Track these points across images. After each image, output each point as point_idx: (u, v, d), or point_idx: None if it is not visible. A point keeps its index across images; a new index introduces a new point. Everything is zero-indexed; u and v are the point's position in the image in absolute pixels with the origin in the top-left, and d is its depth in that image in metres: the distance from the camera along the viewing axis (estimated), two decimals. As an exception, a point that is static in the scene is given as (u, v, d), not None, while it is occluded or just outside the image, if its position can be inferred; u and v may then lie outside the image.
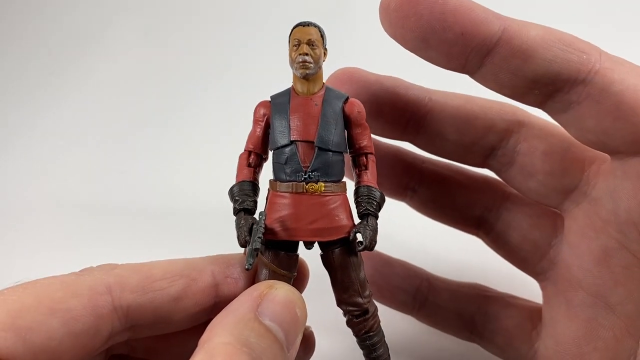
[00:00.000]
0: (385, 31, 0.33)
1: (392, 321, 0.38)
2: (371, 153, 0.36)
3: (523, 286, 0.44)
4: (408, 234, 0.61)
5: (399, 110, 0.39)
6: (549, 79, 0.30)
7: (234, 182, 0.35)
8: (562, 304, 0.36)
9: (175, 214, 0.74)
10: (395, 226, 0.46)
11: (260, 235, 0.31)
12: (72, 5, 1.07)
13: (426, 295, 0.45)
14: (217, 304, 0.31)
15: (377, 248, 0.34)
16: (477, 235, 0.45)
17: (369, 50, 0.71)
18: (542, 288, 0.40)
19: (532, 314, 0.41)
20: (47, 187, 0.83)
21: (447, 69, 0.33)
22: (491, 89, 0.33)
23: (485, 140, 0.39)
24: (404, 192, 0.45)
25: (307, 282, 0.38)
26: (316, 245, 0.35)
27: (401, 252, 0.55)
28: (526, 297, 0.44)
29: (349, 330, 0.36)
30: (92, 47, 1.03)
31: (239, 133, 0.37)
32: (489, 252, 0.44)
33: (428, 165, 0.44)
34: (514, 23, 0.30)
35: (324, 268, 0.35)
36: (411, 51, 0.33)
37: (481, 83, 0.33)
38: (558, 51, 0.30)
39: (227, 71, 0.94)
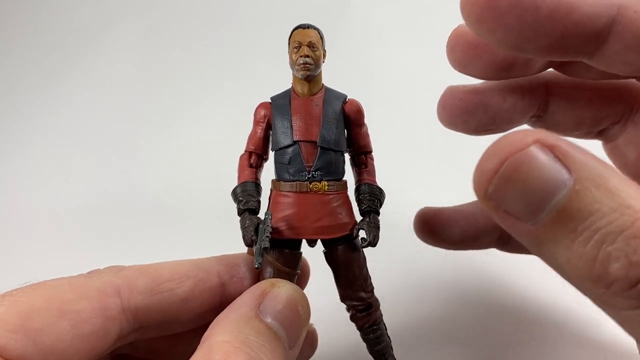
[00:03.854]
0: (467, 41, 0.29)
1: (394, 315, 0.39)
2: (370, 151, 0.37)
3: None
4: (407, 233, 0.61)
5: None
6: None
7: (236, 183, 0.36)
8: None
9: (177, 214, 0.73)
10: (395, 226, 0.46)
11: (269, 234, 0.31)
12: (72, 6, 1.06)
13: None
14: (223, 304, 0.31)
15: (379, 244, 0.35)
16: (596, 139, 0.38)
17: (367, 51, 0.71)
18: None
19: None
20: (48, 187, 0.82)
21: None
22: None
23: None
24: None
25: (308, 279, 0.38)
26: (319, 242, 0.36)
27: (401, 251, 0.55)
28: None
29: (352, 325, 0.37)
30: (92, 48, 1.02)
31: (240, 133, 0.37)
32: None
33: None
34: (628, 11, 0.25)
35: (326, 264, 0.36)
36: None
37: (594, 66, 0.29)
38: None
39: (228, 71, 0.93)
